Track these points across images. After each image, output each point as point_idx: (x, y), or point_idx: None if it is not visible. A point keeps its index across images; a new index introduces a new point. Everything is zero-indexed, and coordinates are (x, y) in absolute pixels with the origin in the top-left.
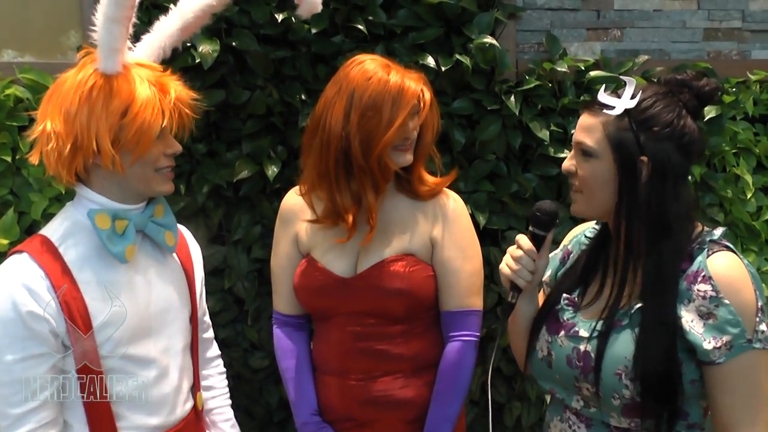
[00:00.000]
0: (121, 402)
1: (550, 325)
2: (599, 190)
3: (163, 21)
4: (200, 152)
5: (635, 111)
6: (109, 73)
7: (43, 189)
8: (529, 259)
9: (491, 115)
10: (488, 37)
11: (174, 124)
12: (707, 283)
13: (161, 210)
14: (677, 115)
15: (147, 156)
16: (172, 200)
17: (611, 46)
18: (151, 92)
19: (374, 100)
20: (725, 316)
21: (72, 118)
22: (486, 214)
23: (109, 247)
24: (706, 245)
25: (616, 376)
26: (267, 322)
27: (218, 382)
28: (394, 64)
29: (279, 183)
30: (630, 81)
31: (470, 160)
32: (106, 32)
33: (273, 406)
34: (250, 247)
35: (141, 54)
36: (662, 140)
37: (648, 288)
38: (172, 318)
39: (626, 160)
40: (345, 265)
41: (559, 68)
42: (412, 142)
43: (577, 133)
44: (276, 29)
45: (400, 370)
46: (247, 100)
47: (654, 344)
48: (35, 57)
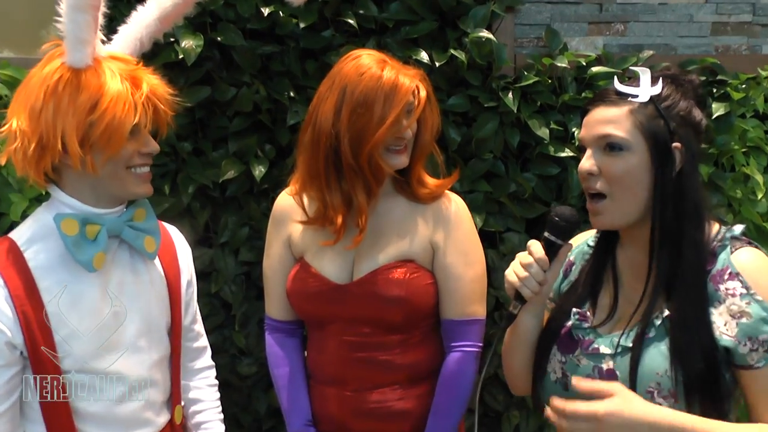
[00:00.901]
0: (83, 418)
1: (562, 344)
2: (634, 186)
3: (140, 11)
4: (185, 151)
5: (660, 97)
6: (77, 66)
7: (23, 189)
8: (539, 268)
9: (488, 112)
10: (484, 31)
11: (148, 121)
12: (735, 280)
13: (142, 214)
14: (690, 102)
15: (120, 155)
16: (156, 201)
17: (614, 40)
18: (122, 86)
19: (366, 96)
20: (759, 313)
21: (37, 115)
22: (483, 215)
23: (75, 254)
24: (728, 242)
25: (648, 394)
26: (255, 327)
27: (208, 394)
28: (391, 59)
29: (267, 183)
30: (644, 70)
31: (466, 160)
32: (71, 22)
33: (262, 413)
34: (237, 250)
35: (117, 47)
36: (687, 125)
37: (681, 288)
38: (147, 329)
39: (662, 148)
40: (340, 271)
41: (559, 63)
42: (408, 143)
43: (595, 127)
44: (263, 23)
45: (396, 381)
46: (234, 96)
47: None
48: (14, 52)
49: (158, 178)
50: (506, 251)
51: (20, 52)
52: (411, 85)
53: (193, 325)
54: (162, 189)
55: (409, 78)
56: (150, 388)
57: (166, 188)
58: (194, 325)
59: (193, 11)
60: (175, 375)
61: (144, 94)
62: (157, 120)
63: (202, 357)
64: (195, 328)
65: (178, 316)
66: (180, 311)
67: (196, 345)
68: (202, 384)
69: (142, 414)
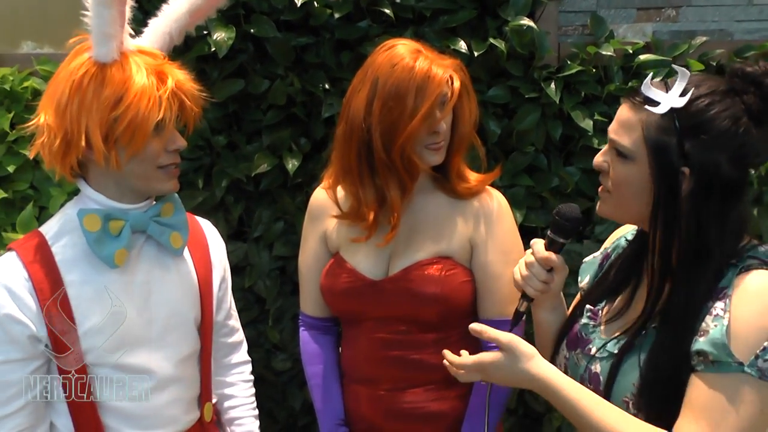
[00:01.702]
0: (108, 413)
1: (569, 341)
2: (631, 196)
3: (171, 4)
4: (220, 145)
5: (684, 112)
6: (102, 60)
7: (62, 183)
8: (541, 268)
9: (529, 103)
10: (525, 19)
11: (173, 116)
12: (723, 300)
13: (170, 209)
14: (735, 122)
15: (145, 152)
16: (189, 195)
17: (664, 27)
18: (148, 81)
19: (397, 88)
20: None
21: (63, 110)
22: (524, 210)
23: (96, 250)
24: (744, 262)
25: (623, 403)
26: (290, 322)
27: (241, 390)
28: (426, 49)
29: (301, 177)
30: (683, 72)
31: (507, 153)
32: (96, 17)
33: (297, 409)
34: (271, 244)
35: (146, 41)
36: (712, 151)
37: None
38: (174, 324)
39: (665, 169)
40: (375, 266)
41: (604, 52)
42: (444, 138)
43: (613, 126)
44: (296, 14)
45: (432, 382)
46: (267, 89)
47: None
48: (54, 48)
49: (192, 172)
50: None
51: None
52: (444, 76)
53: (227, 321)
54: (196, 183)
55: (443, 68)
56: (177, 384)
57: (200, 182)
58: (229, 320)
59: (226, 3)
60: (205, 372)
61: (169, 90)
62: (185, 116)
63: (237, 352)
64: (230, 323)
65: (208, 311)
66: (210, 307)
67: (231, 340)
68: (236, 379)
69: (169, 410)
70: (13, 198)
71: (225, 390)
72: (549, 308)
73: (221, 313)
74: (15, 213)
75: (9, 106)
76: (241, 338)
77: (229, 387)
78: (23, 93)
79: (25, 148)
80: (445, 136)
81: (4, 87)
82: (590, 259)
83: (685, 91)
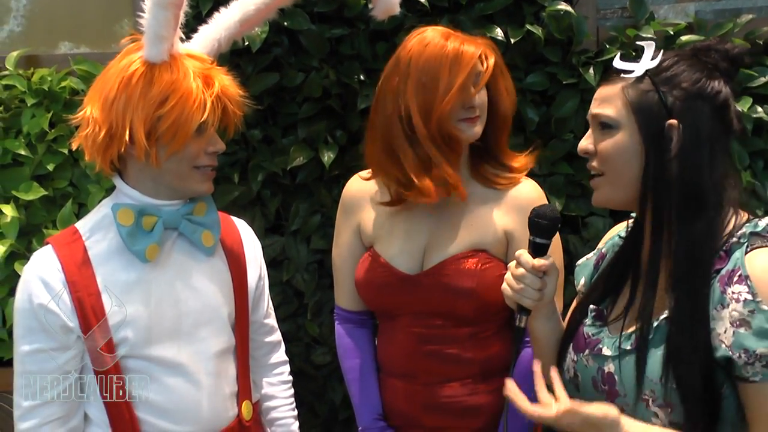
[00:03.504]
0: (142, 406)
1: (576, 343)
2: (623, 166)
3: (223, 12)
4: (255, 139)
5: (658, 71)
6: (153, 60)
7: (100, 180)
8: (534, 276)
9: (568, 89)
10: (563, 4)
11: (216, 119)
12: (743, 283)
13: (203, 208)
14: (708, 74)
15: (184, 152)
16: (225, 190)
17: (708, 6)
18: (194, 84)
19: (430, 65)
20: (762, 325)
21: (110, 105)
22: (563, 199)
23: (129, 244)
24: (746, 239)
25: (643, 402)
26: (328, 316)
27: (281, 391)
28: (456, 32)
29: (338, 169)
30: (649, 43)
31: (546, 140)
32: (152, 18)
33: (337, 403)
34: (309, 237)
35: (195, 45)
36: (694, 99)
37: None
38: (206, 320)
39: (652, 124)
40: (410, 261)
41: (644, 34)
42: (481, 111)
43: (593, 104)
44: (330, 6)
45: (468, 376)
46: (302, 82)
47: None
48: (90, 48)
49: (228, 167)
50: (589, 237)
51: (95, 48)
52: (476, 52)
53: (266, 320)
54: (232, 177)
55: (474, 45)
56: (211, 379)
57: (236, 177)
58: (267, 319)
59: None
60: (242, 369)
61: (215, 93)
62: (226, 120)
63: (276, 352)
64: (268, 322)
65: (243, 308)
66: (246, 304)
67: (269, 339)
68: (275, 380)
69: (204, 406)
70: (53, 195)
71: (265, 390)
72: (545, 317)
73: (259, 311)
74: (55, 210)
75: (48, 105)
76: (279, 338)
77: (268, 387)
78: (61, 93)
79: (65, 146)
80: (482, 110)
81: (42, 87)
82: (584, 261)
83: (654, 56)
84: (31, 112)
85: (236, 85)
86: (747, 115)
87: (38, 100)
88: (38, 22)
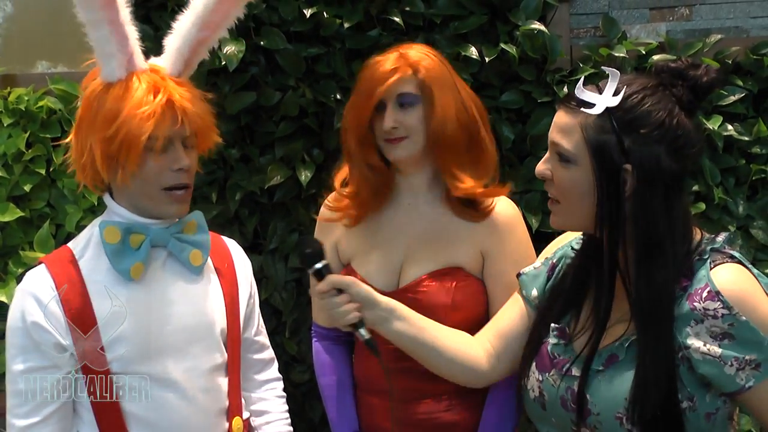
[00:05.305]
0: (135, 422)
1: (540, 361)
2: (578, 201)
3: (179, 20)
4: (233, 158)
5: (619, 109)
6: (108, 79)
7: (78, 200)
8: (332, 297)
9: (543, 107)
10: (536, 23)
11: (167, 130)
12: (715, 300)
13: (193, 226)
14: (669, 114)
15: (145, 171)
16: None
17: (678, 26)
18: (144, 99)
19: (357, 85)
20: (744, 334)
21: (77, 129)
22: (539, 216)
23: (113, 263)
24: (707, 255)
25: (617, 420)
26: (307, 333)
27: (275, 406)
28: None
29: (315, 188)
30: (613, 73)
31: (521, 158)
32: (92, 39)
33: (316, 421)
34: (287, 256)
35: (163, 59)
36: (651, 144)
37: (639, 317)
38: (199, 336)
39: (608, 168)
40: (387, 277)
41: (617, 53)
42: (408, 132)
43: (552, 131)
44: (306, 25)
45: (444, 392)
46: (279, 101)
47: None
48: (67, 67)
49: (206, 186)
50: None
51: (73, 67)
52: (387, 68)
53: (257, 337)
54: (209, 196)
55: (391, 61)
56: (203, 395)
57: (214, 196)
58: (258, 336)
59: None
60: (233, 385)
61: (159, 103)
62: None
63: (268, 369)
64: (259, 339)
65: (234, 325)
66: (237, 321)
67: (261, 357)
68: (269, 395)
69: (195, 421)
70: (30, 216)
71: (257, 406)
72: (392, 319)
73: (251, 329)
74: (32, 231)
75: (25, 125)
76: (272, 355)
77: (260, 402)
78: (38, 112)
79: (42, 166)
80: (408, 131)
81: (19, 107)
82: (530, 270)
83: (618, 90)
84: (8, 132)
85: (196, 93)
86: (717, 132)
87: (15, 120)
88: (15, 40)
